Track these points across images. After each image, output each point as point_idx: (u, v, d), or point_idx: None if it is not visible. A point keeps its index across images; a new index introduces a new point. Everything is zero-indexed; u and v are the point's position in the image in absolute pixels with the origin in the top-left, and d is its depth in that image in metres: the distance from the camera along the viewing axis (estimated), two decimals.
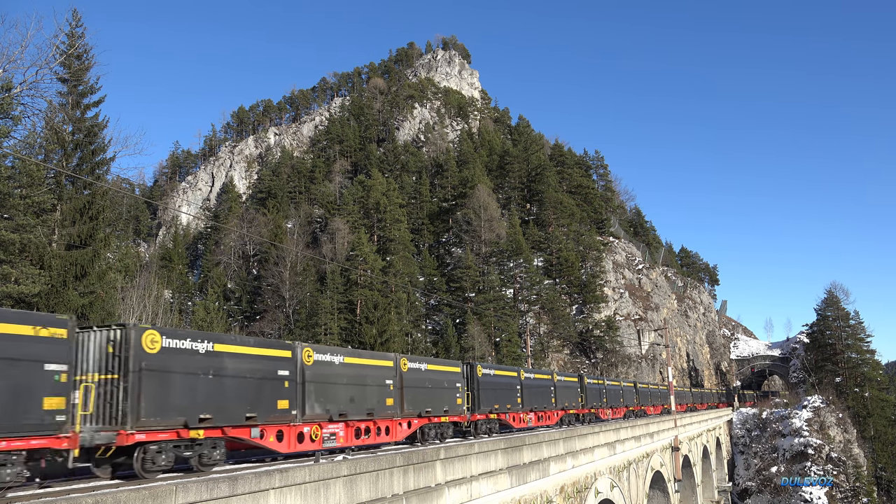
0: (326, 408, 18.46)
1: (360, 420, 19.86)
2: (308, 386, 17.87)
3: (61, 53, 32.34)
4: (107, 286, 33.53)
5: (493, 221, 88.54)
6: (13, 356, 11.39)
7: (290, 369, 17.27)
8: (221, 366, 15.22)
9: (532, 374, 34.12)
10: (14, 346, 11.43)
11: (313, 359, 18.30)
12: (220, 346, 15.28)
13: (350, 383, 19.76)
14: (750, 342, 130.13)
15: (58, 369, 12.07)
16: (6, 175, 28.41)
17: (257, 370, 16.29)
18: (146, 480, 12.91)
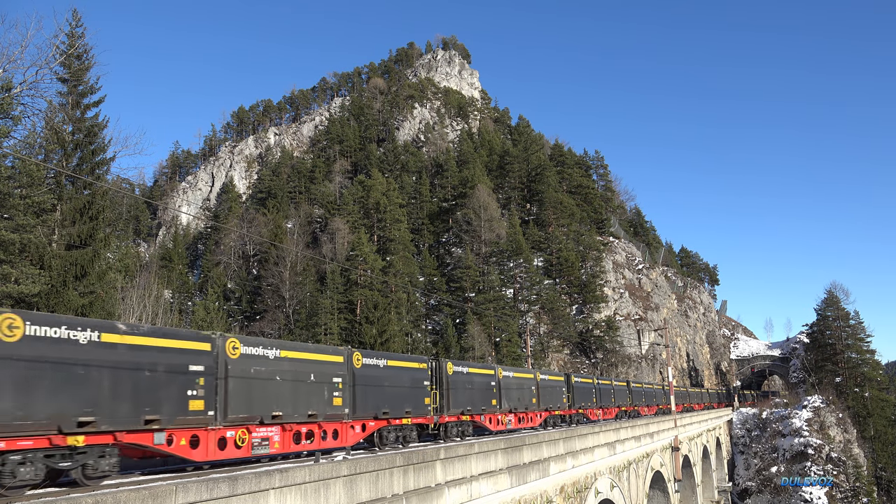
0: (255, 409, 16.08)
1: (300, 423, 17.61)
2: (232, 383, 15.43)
3: (61, 53, 32.35)
4: (107, 286, 33.52)
5: (493, 221, 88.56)
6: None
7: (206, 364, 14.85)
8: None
9: (511, 373, 32.00)
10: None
11: (240, 352, 15.85)
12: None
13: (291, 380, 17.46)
14: (750, 342, 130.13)
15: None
16: (6, 175, 28.41)
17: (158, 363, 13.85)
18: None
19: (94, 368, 12.39)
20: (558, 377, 37.99)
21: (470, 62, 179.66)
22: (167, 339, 14.03)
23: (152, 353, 13.55)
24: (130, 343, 13.20)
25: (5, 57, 26.27)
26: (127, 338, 13.14)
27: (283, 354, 17.30)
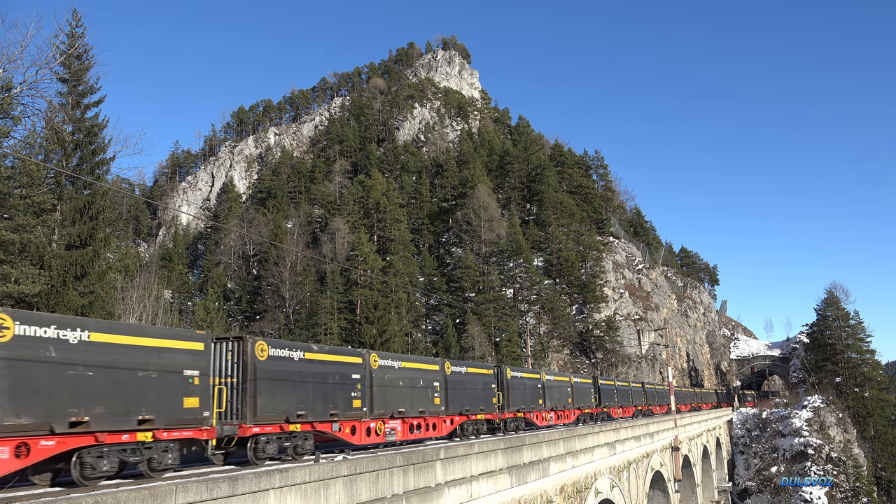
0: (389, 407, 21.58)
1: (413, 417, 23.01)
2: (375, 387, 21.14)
3: (61, 53, 32.34)
4: (107, 286, 33.53)
5: (493, 221, 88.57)
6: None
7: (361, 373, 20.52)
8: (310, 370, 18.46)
9: (552, 377, 36.76)
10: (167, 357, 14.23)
11: (378, 364, 21.54)
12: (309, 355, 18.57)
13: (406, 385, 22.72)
14: (750, 342, 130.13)
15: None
16: (6, 175, 28.41)
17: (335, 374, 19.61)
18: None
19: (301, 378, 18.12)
20: (587, 380, 43.78)
21: (470, 62, 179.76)
22: (341, 356, 20.05)
23: (334, 366, 19.52)
24: (321, 359, 19.12)
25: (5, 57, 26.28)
26: (319, 355, 19.08)
27: (403, 365, 22.91)
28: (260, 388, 16.22)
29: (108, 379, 12.69)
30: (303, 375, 18.04)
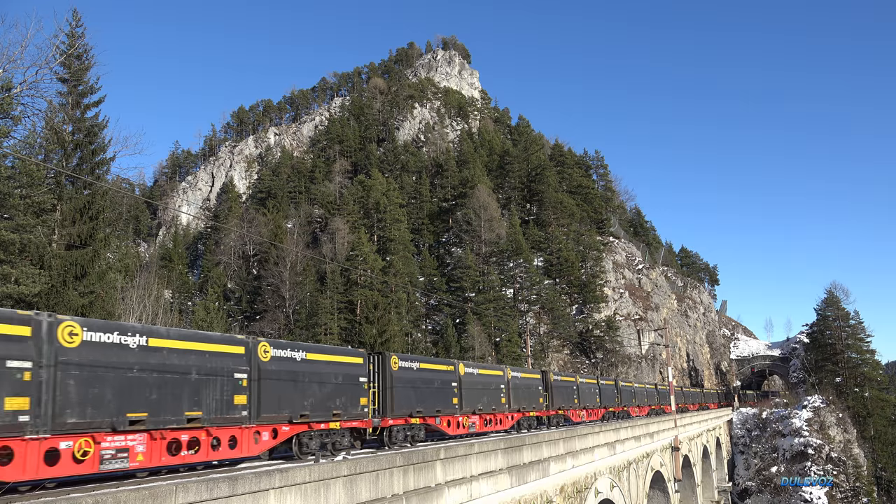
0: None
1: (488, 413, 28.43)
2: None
3: (61, 53, 32.33)
4: (107, 286, 33.52)
5: (493, 221, 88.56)
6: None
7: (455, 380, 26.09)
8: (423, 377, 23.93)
9: (584, 379, 40.29)
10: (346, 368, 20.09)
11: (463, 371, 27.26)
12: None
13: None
14: (750, 342, 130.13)
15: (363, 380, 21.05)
16: (6, 175, 28.41)
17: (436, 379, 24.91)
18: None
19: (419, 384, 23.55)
20: (610, 381, 49.17)
21: (470, 62, 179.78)
22: (443, 366, 25.80)
23: (440, 374, 25.11)
24: (431, 368, 24.66)
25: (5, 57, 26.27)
26: (429, 366, 24.63)
27: (480, 372, 28.66)
28: (395, 391, 21.90)
29: (322, 385, 18.84)
30: (421, 382, 23.70)
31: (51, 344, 11.94)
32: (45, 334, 11.98)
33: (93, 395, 12.37)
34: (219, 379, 14.96)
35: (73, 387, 12.10)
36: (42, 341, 11.85)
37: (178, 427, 13.86)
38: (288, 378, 17.18)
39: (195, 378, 14.41)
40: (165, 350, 13.84)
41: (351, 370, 19.93)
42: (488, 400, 28.30)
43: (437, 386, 24.41)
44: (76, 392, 12.14)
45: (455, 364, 26.36)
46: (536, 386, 34.00)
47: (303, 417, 17.37)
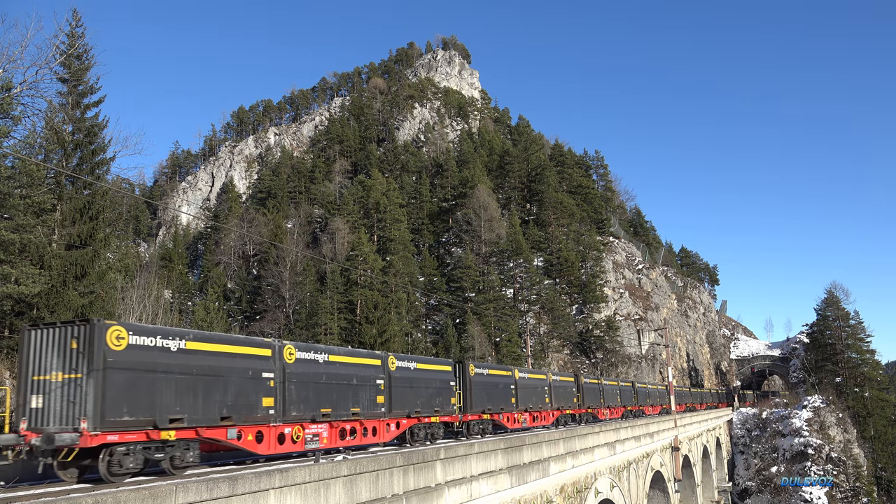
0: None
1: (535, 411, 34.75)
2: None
3: (61, 53, 32.32)
4: (107, 286, 33.52)
5: (493, 221, 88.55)
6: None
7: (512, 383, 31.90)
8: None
9: (607, 381, 48.11)
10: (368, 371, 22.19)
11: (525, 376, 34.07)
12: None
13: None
14: (750, 342, 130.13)
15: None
16: (6, 175, 28.40)
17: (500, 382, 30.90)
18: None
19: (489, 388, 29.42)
20: (628, 383, 54.61)
21: (470, 62, 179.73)
22: (503, 371, 31.73)
23: (503, 379, 30.82)
24: (497, 374, 30.63)
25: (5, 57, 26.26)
26: (496, 371, 30.70)
27: (530, 376, 34.57)
28: (473, 393, 27.60)
29: (428, 388, 24.76)
30: (490, 385, 29.37)
31: (280, 361, 17.54)
32: (277, 355, 17.48)
33: (302, 396, 18.13)
34: (368, 385, 21.26)
35: (293, 391, 17.92)
36: (277, 359, 17.41)
37: (346, 419, 19.98)
38: (408, 384, 23.35)
39: (356, 384, 20.60)
40: (338, 364, 20.10)
41: (444, 376, 26.03)
42: (536, 399, 34.53)
43: (500, 388, 30.43)
44: (295, 394, 17.91)
45: (512, 370, 32.46)
46: (571, 387, 40.16)
47: (416, 413, 23.65)
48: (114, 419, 13.00)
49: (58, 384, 13.26)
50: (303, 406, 18.15)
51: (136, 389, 13.55)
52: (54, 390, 13.26)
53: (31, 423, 13.23)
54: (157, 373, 14.00)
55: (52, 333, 13.66)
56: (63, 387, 13.17)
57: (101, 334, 13.10)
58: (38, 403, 13.38)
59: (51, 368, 13.43)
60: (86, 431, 12.58)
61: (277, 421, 17.17)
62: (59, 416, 13.09)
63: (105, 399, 12.87)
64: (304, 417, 18.18)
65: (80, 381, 12.97)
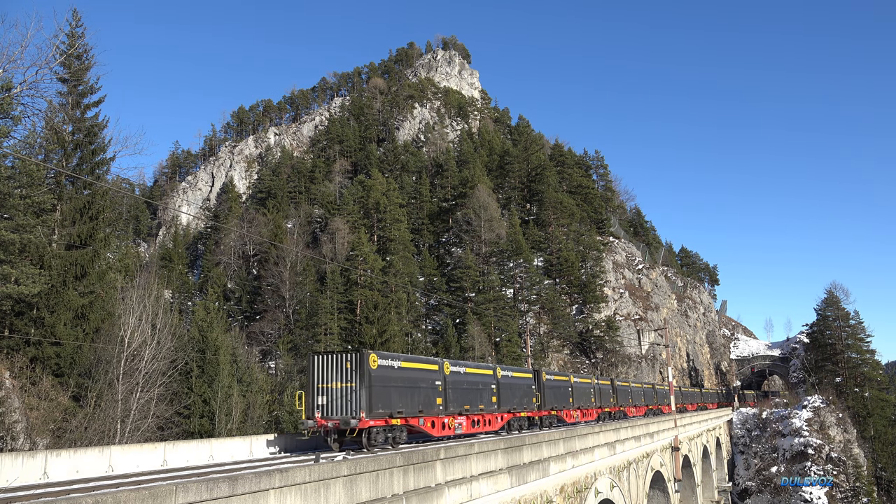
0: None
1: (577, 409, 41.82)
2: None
3: (61, 53, 32.32)
4: (107, 286, 33.52)
5: (493, 221, 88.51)
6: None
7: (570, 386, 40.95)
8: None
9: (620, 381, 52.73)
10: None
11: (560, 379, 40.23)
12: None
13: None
14: (750, 342, 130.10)
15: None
16: (6, 175, 28.39)
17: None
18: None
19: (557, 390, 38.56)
20: (650, 384, 61.61)
21: (470, 62, 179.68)
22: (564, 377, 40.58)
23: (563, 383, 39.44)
24: (559, 379, 39.26)
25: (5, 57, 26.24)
26: (557, 377, 39.11)
27: (581, 380, 42.27)
28: (545, 393, 35.92)
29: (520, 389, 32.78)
30: (555, 387, 37.79)
31: (442, 373, 25.67)
32: (441, 368, 25.77)
33: (454, 397, 26.13)
34: (487, 388, 29.42)
35: (450, 393, 25.91)
36: (441, 372, 25.62)
37: (476, 413, 27.86)
38: (508, 388, 31.40)
39: (480, 388, 28.59)
40: (470, 374, 28.20)
41: (529, 381, 34.31)
42: (584, 399, 41.87)
43: (562, 390, 38.65)
44: (452, 395, 26.01)
45: (569, 374, 41.05)
46: (608, 389, 47.29)
47: (513, 409, 31.53)
48: (373, 412, 20.91)
49: (337, 389, 21.19)
50: (454, 404, 26.29)
51: (381, 393, 21.53)
52: (335, 393, 21.21)
53: (323, 414, 21.15)
54: (390, 382, 22.13)
55: (332, 357, 21.65)
56: (342, 391, 21.12)
57: (365, 358, 21.15)
58: (323, 402, 21.31)
59: (332, 380, 21.35)
60: (362, 418, 20.42)
61: (443, 414, 25.27)
62: (340, 409, 21.01)
63: (370, 399, 20.88)
64: (454, 412, 26.20)
65: (355, 388, 20.94)
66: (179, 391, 35.84)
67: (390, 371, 22.38)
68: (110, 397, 28.41)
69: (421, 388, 24.12)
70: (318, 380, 21.51)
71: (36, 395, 27.15)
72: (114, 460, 17.26)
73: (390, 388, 22.11)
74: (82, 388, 29.15)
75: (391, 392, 22.06)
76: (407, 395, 23.04)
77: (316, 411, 21.17)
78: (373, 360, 21.47)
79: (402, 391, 22.78)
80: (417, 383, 23.94)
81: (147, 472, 16.52)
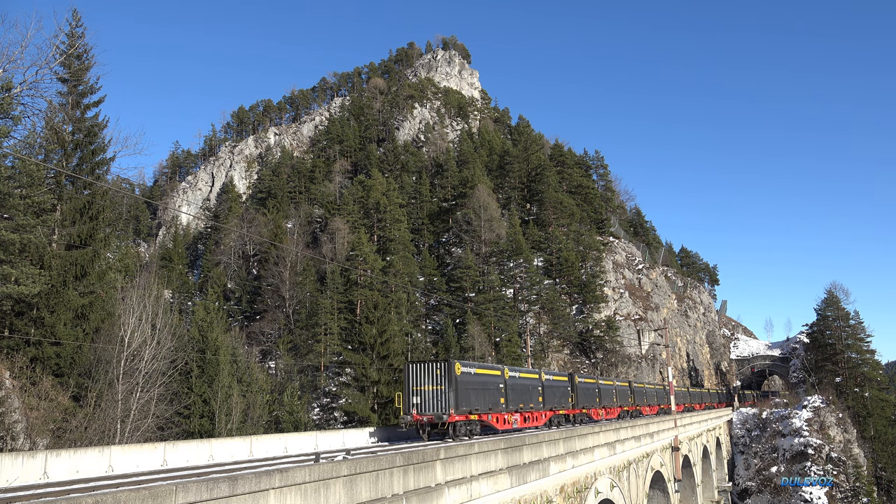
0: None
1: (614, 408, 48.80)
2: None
3: (61, 53, 32.31)
4: (107, 286, 33.52)
5: (493, 221, 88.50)
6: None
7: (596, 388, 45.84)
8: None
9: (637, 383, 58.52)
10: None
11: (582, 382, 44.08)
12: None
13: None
14: (750, 342, 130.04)
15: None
16: (6, 175, 28.39)
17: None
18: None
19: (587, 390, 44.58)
20: (661, 385, 65.93)
21: (470, 62, 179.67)
22: (591, 379, 45.73)
23: (592, 385, 45.02)
24: (587, 382, 44.68)
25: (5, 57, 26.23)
26: (587, 380, 44.88)
27: (620, 384, 51.19)
28: (577, 394, 41.05)
29: (559, 390, 39.05)
30: (586, 389, 43.02)
31: (504, 377, 31.16)
32: (503, 373, 31.30)
33: (512, 397, 31.55)
34: (534, 389, 34.78)
35: (510, 393, 31.59)
36: (503, 377, 31.16)
37: (526, 411, 33.04)
38: (551, 390, 36.89)
39: (529, 389, 33.98)
40: (522, 377, 33.85)
41: (565, 384, 39.98)
42: (619, 399, 48.81)
43: (590, 391, 43.60)
44: (511, 396, 31.47)
45: (596, 377, 46.32)
46: (631, 390, 53.32)
47: (554, 408, 36.86)
48: (458, 409, 26.46)
49: (429, 391, 26.43)
50: (512, 403, 31.80)
51: (464, 394, 27.06)
52: (428, 394, 26.46)
53: (418, 411, 26.41)
54: (469, 386, 27.75)
55: (424, 365, 27.05)
56: (434, 393, 26.41)
57: (452, 366, 26.73)
58: (417, 401, 26.52)
59: (424, 383, 26.67)
60: (451, 414, 25.96)
61: (504, 411, 30.89)
62: (433, 407, 26.31)
63: (457, 399, 26.35)
64: (512, 409, 31.68)
65: (444, 390, 26.32)
66: (179, 391, 35.85)
67: (469, 376, 27.98)
68: (110, 397, 28.40)
69: (490, 390, 29.78)
70: (413, 383, 26.81)
71: (36, 395, 27.14)
72: (114, 460, 17.26)
73: (469, 390, 27.63)
74: (82, 388, 29.14)
75: (470, 393, 27.65)
76: (481, 396, 28.70)
77: (412, 409, 26.45)
78: (458, 368, 27.03)
79: (477, 392, 28.38)
80: (487, 386, 29.67)
81: (147, 472, 16.53)
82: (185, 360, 36.93)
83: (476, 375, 28.42)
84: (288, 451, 23.05)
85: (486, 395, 29.08)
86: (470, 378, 27.64)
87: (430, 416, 25.70)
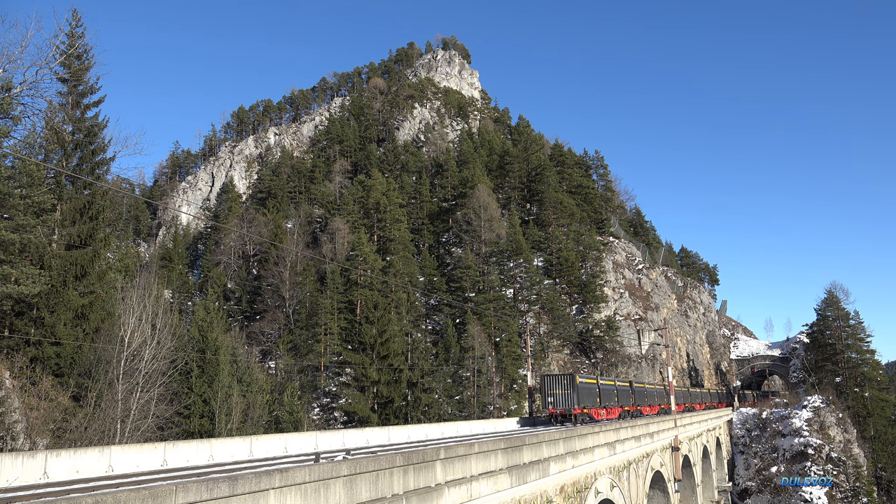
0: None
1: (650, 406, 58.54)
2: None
3: (61, 53, 32.30)
4: (107, 286, 33.51)
5: (493, 221, 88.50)
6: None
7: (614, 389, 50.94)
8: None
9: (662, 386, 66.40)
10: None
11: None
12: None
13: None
14: (750, 342, 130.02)
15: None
16: (6, 175, 28.38)
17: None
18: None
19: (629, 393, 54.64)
20: (680, 387, 70.04)
21: (470, 62, 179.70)
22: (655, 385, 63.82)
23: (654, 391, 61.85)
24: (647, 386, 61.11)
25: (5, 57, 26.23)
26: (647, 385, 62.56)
27: (659, 387, 63.54)
28: (637, 395, 54.35)
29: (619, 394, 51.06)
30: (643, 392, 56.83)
31: (597, 384, 44.79)
32: (597, 382, 45.05)
33: (603, 398, 44.52)
34: (611, 391, 46.86)
35: (602, 395, 44.75)
36: (597, 384, 44.72)
37: (608, 407, 44.94)
38: (618, 391, 48.91)
39: (609, 392, 46.12)
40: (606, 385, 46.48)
41: (627, 389, 51.38)
42: (655, 398, 58.74)
43: (649, 392, 57.16)
44: (602, 397, 44.56)
45: (630, 381, 54.40)
46: (662, 392, 62.28)
47: (623, 405, 48.50)
48: (579, 405, 39.76)
49: (559, 394, 40.24)
50: (602, 402, 43.58)
51: (581, 396, 40.25)
52: (558, 396, 40.25)
53: (553, 406, 40.17)
54: (583, 390, 40.80)
55: (555, 377, 41.22)
56: (563, 395, 40.16)
57: (574, 377, 40.46)
58: (551, 400, 40.38)
59: (556, 388, 40.61)
60: (575, 409, 39.58)
61: (598, 408, 42.65)
62: (563, 404, 39.96)
63: (578, 399, 39.88)
64: (601, 406, 43.34)
65: (570, 393, 40.04)
66: (179, 391, 35.84)
67: (583, 384, 40.91)
68: (110, 397, 28.39)
69: (593, 393, 42.37)
70: (548, 388, 40.82)
71: (36, 395, 27.13)
72: (114, 460, 17.26)
73: (583, 393, 40.40)
74: (82, 388, 29.13)
75: (583, 395, 40.38)
76: (588, 397, 41.18)
77: (549, 406, 40.26)
78: (577, 379, 40.28)
79: (586, 394, 41.04)
80: (592, 389, 42.45)
81: (147, 472, 16.53)
82: (185, 360, 36.92)
83: (585, 384, 41.34)
84: (288, 451, 23.06)
85: (591, 397, 41.71)
86: (583, 385, 40.74)
87: (562, 410, 39.46)
